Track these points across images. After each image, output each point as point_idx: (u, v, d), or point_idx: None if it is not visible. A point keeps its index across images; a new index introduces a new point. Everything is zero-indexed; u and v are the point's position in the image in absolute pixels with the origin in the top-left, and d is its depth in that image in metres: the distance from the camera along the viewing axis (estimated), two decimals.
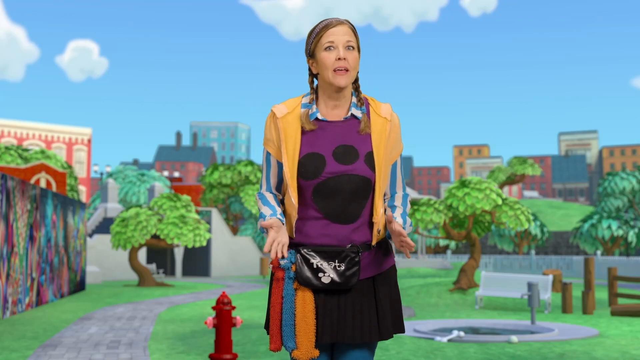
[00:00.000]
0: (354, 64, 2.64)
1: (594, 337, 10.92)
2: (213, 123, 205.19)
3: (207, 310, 15.54)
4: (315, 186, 2.64)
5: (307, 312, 2.61)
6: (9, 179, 13.81)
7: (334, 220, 2.65)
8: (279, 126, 2.68)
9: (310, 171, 2.63)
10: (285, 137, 2.67)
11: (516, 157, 56.34)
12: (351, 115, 2.71)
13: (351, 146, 2.67)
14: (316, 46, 2.66)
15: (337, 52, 2.62)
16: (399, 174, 2.81)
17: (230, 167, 42.78)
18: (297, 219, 2.70)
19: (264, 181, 2.79)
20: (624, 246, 42.64)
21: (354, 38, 2.66)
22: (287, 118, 2.69)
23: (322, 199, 2.65)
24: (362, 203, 2.67)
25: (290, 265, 2.64)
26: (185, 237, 23.94)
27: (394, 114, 2.75)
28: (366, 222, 2.71)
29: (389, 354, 8.80)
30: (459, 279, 19.30)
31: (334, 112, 2.71)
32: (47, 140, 77.64)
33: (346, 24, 2.66)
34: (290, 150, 2.65)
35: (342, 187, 2.63)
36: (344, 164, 2.64)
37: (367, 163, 2.65)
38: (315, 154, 2.65)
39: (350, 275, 2.62)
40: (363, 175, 2.64)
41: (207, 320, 7.10)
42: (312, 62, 2.71)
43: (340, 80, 2.62)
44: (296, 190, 2.66)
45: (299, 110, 2.70)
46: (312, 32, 2.69)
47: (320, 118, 2.69)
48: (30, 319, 13.50)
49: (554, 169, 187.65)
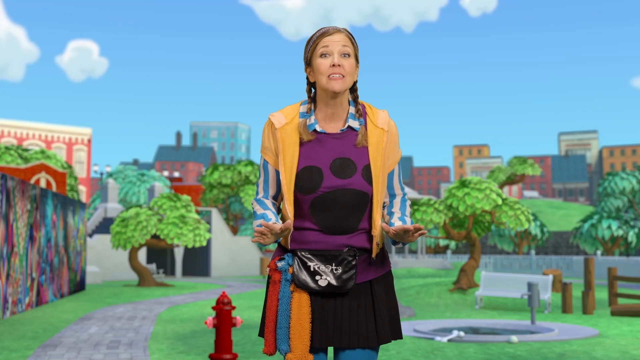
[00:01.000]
0: (349, 70, 2.62)
1: (594, 337, 10.92)
2: (213, 123, 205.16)
3: (207, 310, 15.54)
4: (312, 200, 2.63)
5: (303, 315, 2.59)
6: (9, 179, 13.81)
7: (331, 232, 2.65)
8: (277, 137, 2.67)
9: (307, 186, 2.62)
10: (284, 148, 2.65)
11: (516, 157, 56.34)
12: (348, 127, 2.69)
13: (348, 159, 2.65)
14: (312, 53, 2.66)
15: (332, 59, 2.61)
16: (397, 178, 2.80)
17: (230, 167, 42.77)
18: (294, 230, 2.70)
19: (261, 189, 2.77)
20: (624, 246, 42.64)
21: (351, 45, 2.65)
22: (286, 128, 2.67)
23: (319, 213, 2.64)
24: (359, 216, 2.67)
25: (287, 268, 2.64)
26: (185, 237, 23.94)
27: (391, 123, 2.73)
28: (364, 232, 2.70)
29: (389, 354, 8.80)
30: (459, 279, 19.30)
31: (331, 122, 2.70)
32: (47, 140, 77.64)
33: (343, 32, 2.65)
34: (288, 162, 2.64)
35: (339, 201, 2.63)
36: (341, 178, 2.63)
37: (365, 177, 2.65)
38: (313, 168, 2.64)
39: (347, 278, 2.61)
40: (360, 190, 2.64)
41: (207, 320, 7.10)
42: (309, 70, 2.70)
43: (335, 85, 2.60)
44: (292, 204, 2.65)
45: (297, 121, 2.69)
46: (309, 40, 2.69)
47: (318, 130, 2.67)
48: (30, 319, 13.49)
49: (554, 169, 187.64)
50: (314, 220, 2.65)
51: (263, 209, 2.71)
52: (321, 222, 2.64)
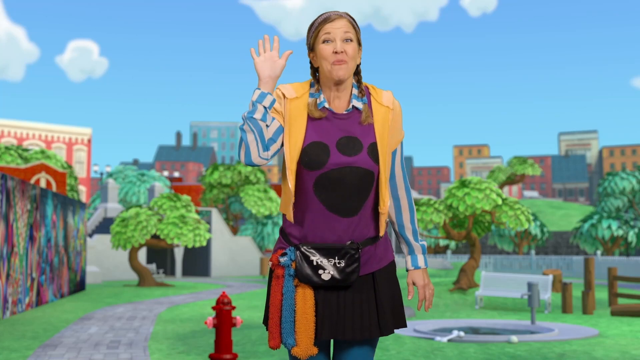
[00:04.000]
0: (352, 54, 2.63)
1: (594, 337, 10.92)
2: (213, 123, 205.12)
3: (207, 310, 15.54)
4: (318, 177, 2.63)
5: (307, 309, 2.61)
6: (9, 179, 13.81)
7: (335, 212, 2.64)
8: (286, 107, 2.67)
9: (314, 160, 2.62)
10: (291, 120, 2.65)
11: (516, 157, 56.32)
12: (353, 107, 2.70)
13: (354, 137, 2.66)
14: (315, 39, 2.67)
15: (335, 45, 2.62)
16: (399, 158, 2.80)
17: (230, 167, 42.76)
18: (296, 209, 2.70)
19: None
20: (624, 246, 42.63)
21: (353, 30, 2.66)
22: (296, 102, 2.68)
23: (323, 191, 2.64)
24: (363, 195, 2.67)
25: (290, 263, 2.65)
26: (185, 237, 23.93)
27: (395, 102, 2.75)
28: (367, 215, 2.70)
29: (389, 354, 8.80)
30: (459, 279, 19.30)
31: (336, 103, 2.70)
32: (47, 140, 77.62)
33: (345, 17, 2.66)
34: (294, 135, 2.64)
35: (345, 179, 2.63)
36: (348, 156, 2.63)
37: (371, 155, 2.65)
38: (320, 143, 2.64)
39: (350, 272, 2.63)
40: (366, 168, 2.64)
41: (207, 320, 7.09)
42: (312, 55, 2.71)
43: (339, 72, 2.61)
44: (294, 175, 2.65)
45: (306, 97, 2.69)
46: (311, 26, 2.70)
47: (327, 107, 2.68)
48: (30, 319, 13.49)
49: (554, 169, 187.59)
50: (319, 198, 2.65)
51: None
52: (325, 200, 2.64)
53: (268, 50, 2.68)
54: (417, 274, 2.82)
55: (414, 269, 2.83)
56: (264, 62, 2.65)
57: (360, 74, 2.75)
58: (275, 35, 2.66)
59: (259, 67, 2.64)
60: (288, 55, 2.67)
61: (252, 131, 2.58)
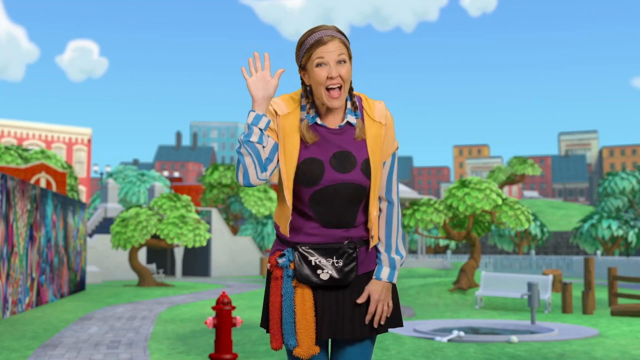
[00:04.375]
0: (346, 77, 2.61)
1: (594, 337, 10.92)
2: (213, 123, 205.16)
3: (207, 310, 15.54)
4: (313, 193, 2.65)
5: (307, 309, 2.63)
6: (9, 179, 13.81)
7: (329, 225, 2.67)
8: (279, 124, 2.66)
9: (309, 178, 2.63)
10: (285, 138, 2.65)
11: (516, 157, 56.32)
12: (346, 123, 2.70)
13: (348, 152, 2.66)
14: (307, 61, 2.63)
15: (329, 70, 2.59)
16: (387, 177, 2.77)
17: (230, 167, 42.76)
18: (291, 219, 2.72)
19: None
20: (624, 246, 42.64)
21: (346, 50, 2.63)
22: (289, 118, 2.67)
23: (318, 206, 2.66)
24: (356, 209, 2.69)
25: (288, 264, 2.66)
26: (185, 237, 23.93)
27: (388, 115, 2.73)
28: (361, 223, 2.74)
29: (389, 354, 8.80)
30: (459, 279, 19.30)
31: (329, 118, 2.70)
32: (47, 140, 77.63)
33: (337, 37, 2.61)
34: (289, 152, 2.64)
35: (339, 195, 2.64)
36: (342, 172, 2.64)
37: (364, 171, 2.66)
38: (315, 160, 2.64)
39: (349, 271, 2.65)
40: (359, 184, 2.66)
41: (207, 320, 7.10)
42: (303, 73, 2.68)
43: (334, 103, 2.60)
44: (291, 192, 2.66)
45: (298, 112, 2.69)
46: (302, 45, 2.64)
47: (319, 123, 2.68)
48: (30, 319, 13.49)
49: (554, 169, 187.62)
50: (314, 212, 2.67)
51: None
52: (321, 215, 2.66)
53: (259, 69, 2.62)
54: (375, 286, 2.71)
55: (374, 279, 2.73)
56: (257, 82, 2.60)
57: (352, 85, 2.73)
58: (265, 53, 2.63)
59: (251, 88, 2.59)
60: (280, 74, 2.61)
61: (249, 154, 2.56)
